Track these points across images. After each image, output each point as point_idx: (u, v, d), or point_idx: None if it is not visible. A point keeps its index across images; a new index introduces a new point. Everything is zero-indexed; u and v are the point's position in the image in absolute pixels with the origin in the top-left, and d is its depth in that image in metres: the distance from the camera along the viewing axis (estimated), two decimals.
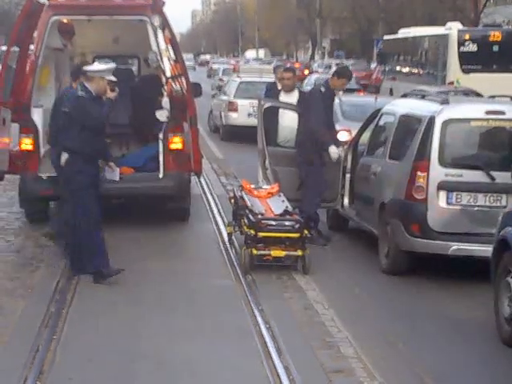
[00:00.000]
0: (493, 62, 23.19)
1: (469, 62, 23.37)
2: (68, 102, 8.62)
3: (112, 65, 8.82)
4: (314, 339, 6.94)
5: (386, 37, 34.91)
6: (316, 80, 28.45)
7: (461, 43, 23.91)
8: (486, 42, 23.80)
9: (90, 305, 7.82)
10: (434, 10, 44.80)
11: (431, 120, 8.85)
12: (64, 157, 8.56)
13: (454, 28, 24.96)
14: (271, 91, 11.63)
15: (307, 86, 26.73)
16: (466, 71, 23.38)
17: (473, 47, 23.79)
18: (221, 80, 38.26)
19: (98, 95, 8.54)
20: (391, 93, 26.70)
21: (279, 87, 11.43)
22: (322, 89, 10.46)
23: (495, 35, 24.06)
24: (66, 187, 8.68)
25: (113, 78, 8.67)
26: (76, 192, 8.54)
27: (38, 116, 10.95)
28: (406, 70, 28.91)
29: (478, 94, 12.40)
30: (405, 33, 30.92)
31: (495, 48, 23.77)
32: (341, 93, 11.36)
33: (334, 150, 10.21)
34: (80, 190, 8.51)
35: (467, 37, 24.12)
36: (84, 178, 8.51)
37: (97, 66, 8.83)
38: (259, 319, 7.36)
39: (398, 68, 29.91)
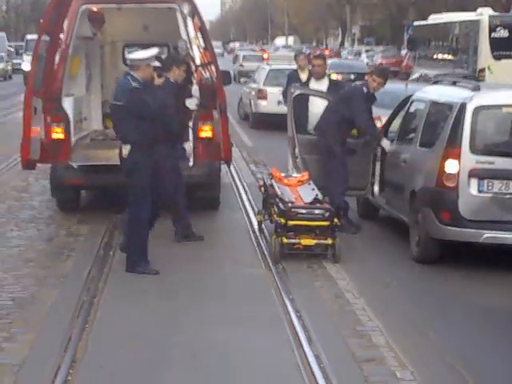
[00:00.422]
0: None
1: (500, 48, 22.98)
2: (122, 94, 8.42)
3: (155, 50, 8.75)
4: (344, 328, 6.94)
5: (416, 23, 34.68)
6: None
7: (492, 29, 23.59)
8: None
9: (122, 293, 7.87)
10: None
11: (462, 107, 8.78)
12: (126, 149, 8.43)
13: (485, 14, 24.66)
14: (293, 79, 11.58)
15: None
16: (497, 57, 23.03)
17: (504, 33, 23.43)
18: (241, 66, 38.07)
19: (147, 83, 8.47)
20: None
21: (300, 74, 11.37)
22: (365, 89, 10.38)
23: None
24: (128, 179, 8.53)
25: (157, 64, 8.61)
26: (135, 184, 8.43)
27: (68, 105, 11.00)
28: (436, 56, 28.70)
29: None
30: (435, 19, 30.67)
31: None
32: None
33: (387, 144, 10.20)
34: (138, 183, 8.40)
35: (498, 22, 23.76)
36: (145, 169, 8.40)
37: (141, 53, 8.68)
38: (290, 308, 7.37)
39: (428, 54, 29.70)
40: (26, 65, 34.16)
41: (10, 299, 7.60)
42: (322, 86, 11.08)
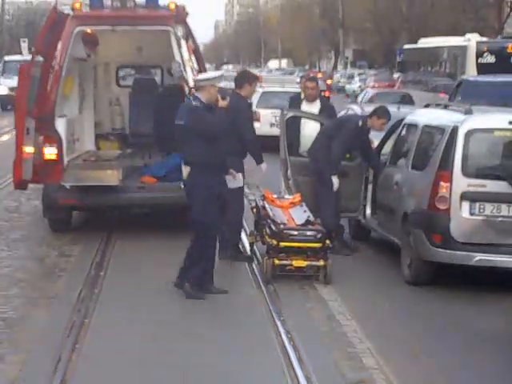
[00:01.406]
0: (511, 74, 22.89)
1: (487, 72, 23.00)
2: (183, 114, 8.33)
3: (221, 72, 8.72)
4: (335, 350, 6.92)
5: (406, 46, 35.14)
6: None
7: (479, 54, 24.17)
8: (504, 53, 24.02)
9: (112, 314, 7.84)
10: (458, 20, 44.67)
11: (454, 130, 8.82)
12: (186, 170, 8.36)
13: (472, 39, 25.30)
14: (295, 102, 11.61)
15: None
16: None
17: (491, 59, 24.04)
18: None
19: (210, 104, 8.34)
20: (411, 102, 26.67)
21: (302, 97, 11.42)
22: (360, 123, 10.42)
23: None
24: (188, 200, 8.44)
25: (222, 86, 8.56)
26: (195, 206, 8.35)
27: (61, 125, 11.02)
28: (425, 79, 28.98)
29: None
30: (425, 43, 31.15)
31: None
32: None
33: (336, 181, 10.21)
34: (198, 204, 8.31)
35: (485, 48, 24.41)
36: (204, 191, 8.28)
37: (207, 74, 8.63)
38: (281, 329, 7.35)
39: (417, 77, 30.00)
40: (3, 88, 33.60)
41: (0, 319, 7.57)
42: (314, 108, 11.12)
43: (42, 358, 6.59)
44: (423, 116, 10.13)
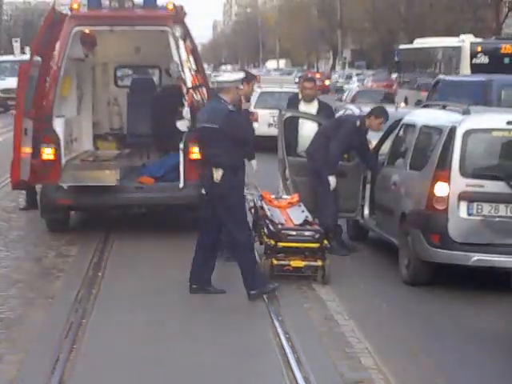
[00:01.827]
0: (503, 73, 22.94)
1: (480, 72, 23.24)
2: (215, 117, 8.24)
3: (242, 74, 8.77)
4: (333, 350, 6.92)
5: (401, 46, 35.59)
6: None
7: (473, 55, 24.57)
8: (498, 54, 24.47)
9: (111, 314, 7.83)
10: (456, 20, 44.72)
11: (452, 130, 8.82)
12: (219, 172, 8.24)
13: (466, 40, 25.70)
14: (294, 102, 11.62)
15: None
16: None
17: (484, 59, 24.43)
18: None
19: (236, 107, 8.39)
20: (406, 101, 27.19)
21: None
22: (358, 123, 10.43)
23: (506, 48, 24.75)
24: (221, 203, 8.31)
25: (242, 87, 8.61)
26: (232, 208, 8.30)
27: (59, 126, 11.01)
28: (420, 78, 29.27)
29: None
30: (420, 43, 31.61)
31: (506, 60, 24.37)
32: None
33: (333, 181, 10.21)
34: (237, 206, 8.32)
35: (479, 49, 24.81)
36: (239, 192, 8.38)
37: (232, 75, 8.60)
38: (279, 329, 7.35)
39: (413, 77, 30.30)
40: None
41: None
42: (312, 108, 11.12)
43: (40, 358, 6.59)
44: (421, 116, 10.14)
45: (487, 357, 6.99)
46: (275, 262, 8.88)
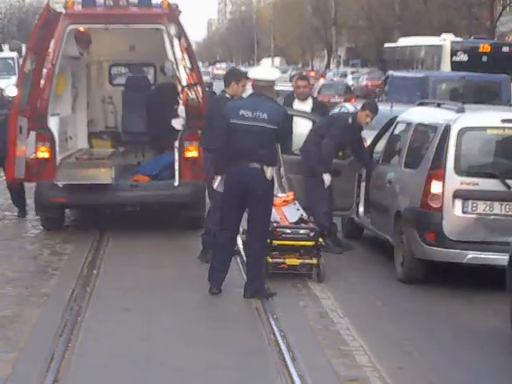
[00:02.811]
0: (482, 71, 24.28)
1: (460, 70, 24.78)
2: (276, 117, 8.19)
3: (277, 71, 8.86)
4: (328, 348, 6.93)
5: (386, 45, 37.35)
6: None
7: (453, 53, 26.67)
8: (476, 52, 26.58)
9: (105, 312, 7.83)
10: (450, 19, 44.74)
11: (447, 128, 8.83)
12: (271, 171, 8.25)
13: (447, 39, 27.79)
14: (290, 100, 11.61)
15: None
16: None
17: (464, 57, 26.53)
18: None
19: None
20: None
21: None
22: (350, 120, 10.44)
23: (484, 47, 27.00)
24: (265, 201, 8.33)
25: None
26: (270, 206, 8.46)
27: (54, 124, 11.01)
28: None
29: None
30: (404, 42, 33.43)
31: (484, 58, 26.45)
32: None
33: (328, 179, 10.22)
34: (271, 204, 8.54)
35: (459, 48, 26.99)
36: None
37: (270, 74, 8.55)
38: (274, 327, 7.35)
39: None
40: None
41: None
42: (306, 106, 11.12)
43: (35, 356, 6.58)
44: (416, 114, 10.14)
45: (482, 355, 7.01)
46: (270, 259, 8.89)
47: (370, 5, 55.96)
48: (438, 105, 10.12)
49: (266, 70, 8.93)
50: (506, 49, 27.35)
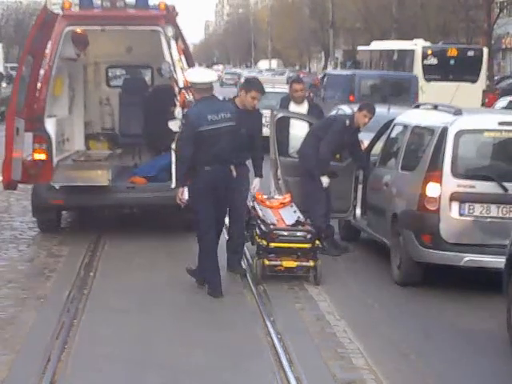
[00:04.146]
0: (449, 73, 28.36)
1: (430, 72, 28.61)
2: (234, 113, 8.55)
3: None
4: (325, 350, 6.92)
5: (359, 47, 39.37)
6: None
7: (424, 57, 29.11)
8: (445, 56, 29.03)
9: (102, 314, 7.82)
10: (448, 21, 44.74)
11: (444, 131, 8.84)
12: (234, 170, 8.65)
13: (419, 44, 30.46)
14: (286, 102, 11.62)
15: None
16: (427, 80, 28.18)
17: (434, 61, 29.09)
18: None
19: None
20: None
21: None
22: (347, 122, 10.45)
23: (452, 51, 29.34)
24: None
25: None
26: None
27: (51, 125, 11.00)
28: None
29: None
30: (377, 45, 36.22)
31: (451, 61, 29.05)
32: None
33: (325, 181, 10.23)
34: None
35: (430, 52, 29.45)
36: None
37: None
38: (271, 330, 7.35)
39: None
40: None
41: None
42: (302, 109, 11.12)
43: (31, 358, 6.57)
44: (413, 117, 10.15)
45: (478, 357, 7.01)
46: (267, 262, 8.88)
47: (368, 7, 55.98)
48: (435, 107, 10.12)
49: (203, 72, 8.83)
50: (471, 53, 29.69)
